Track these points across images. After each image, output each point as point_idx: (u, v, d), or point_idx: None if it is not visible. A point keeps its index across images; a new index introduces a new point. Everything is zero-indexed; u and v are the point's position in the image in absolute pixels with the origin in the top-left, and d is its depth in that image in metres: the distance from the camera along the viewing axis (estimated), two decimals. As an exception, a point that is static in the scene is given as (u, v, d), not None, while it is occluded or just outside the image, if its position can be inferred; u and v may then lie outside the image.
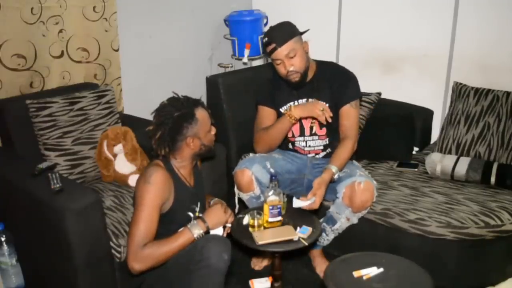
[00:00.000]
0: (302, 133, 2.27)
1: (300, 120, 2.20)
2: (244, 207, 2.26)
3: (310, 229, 1.87)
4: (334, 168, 2.02)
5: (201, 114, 1.74)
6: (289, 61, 2.08)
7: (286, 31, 2.08)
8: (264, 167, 2.16)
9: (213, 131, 1.81)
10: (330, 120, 2.04)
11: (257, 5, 3.34)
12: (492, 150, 2.33)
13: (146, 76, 2.92)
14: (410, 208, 2.09)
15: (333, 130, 2.24)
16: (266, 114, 2.27)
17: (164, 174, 1.69)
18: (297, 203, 1.98)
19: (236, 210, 2.30)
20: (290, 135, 2.28)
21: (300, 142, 2.29)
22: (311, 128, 2.25)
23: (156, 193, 1.64)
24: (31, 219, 1.92)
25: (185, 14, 3.05)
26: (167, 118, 1.70)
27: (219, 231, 1.78)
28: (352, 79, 2.21)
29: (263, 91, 2.29)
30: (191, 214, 1.81)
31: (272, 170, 2.16)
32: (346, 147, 2.11)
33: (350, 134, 2.15)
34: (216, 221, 1.74)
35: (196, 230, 1.67)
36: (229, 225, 1.84)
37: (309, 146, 2.28)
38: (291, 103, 2.21)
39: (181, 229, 1.70)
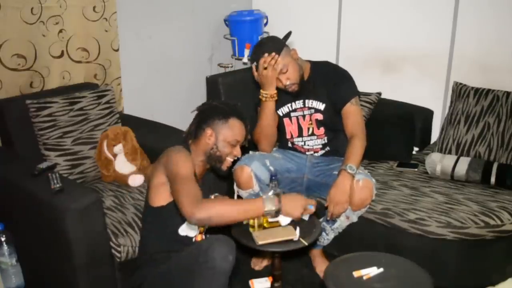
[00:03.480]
0: (300, 134, 2.28)
1: (298, 121, 2.25)
2: None
3: (314, 205, 1.81)
4: (347, 166, 2.00)
5: (235, 123, 1.78)
6: (283, 76, 2.10)
7: (272, 50, 2.07)
8: (263, 164, 2.16)
9: (235, 151, 1.81)
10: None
11: (257, 5, 3.34)
12: (492, 150, 2.33)
13: (146, 76, 2.92)
14: (410, 208, 2.09)
15: (331, 129, 2.25)
16: None
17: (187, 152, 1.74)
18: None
19: None
20: (289, 136, 2.30)
21: (299, 142, 2.30)
22: (309, 129, 2.27)
23: (188, 159, 1.67)
24: (31, 219, 1.92)
25: (185, 14, 3.05)
26: (207, 104, 1.86)
27: (285, 221, 1.79)
28: (347, 77, 2.22)
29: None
30: None
31: (271, 168, 2.17)
32: (355, 144, 2.08)
33: (357, 131, 2.13)
34: (290, 210, 1.70)
35: (269, 205, 1.63)
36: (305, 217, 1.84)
37: (308, 145, 2.29)
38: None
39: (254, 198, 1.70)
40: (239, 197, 2.27)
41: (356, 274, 1.61)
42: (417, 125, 2.72)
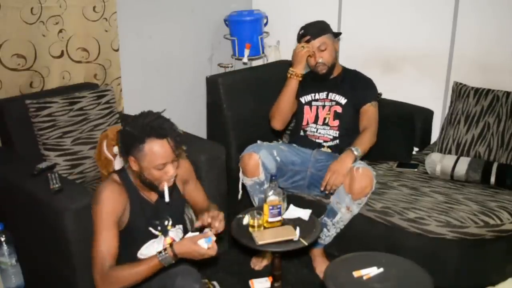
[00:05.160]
0: (315, 121, 2.40)
1: (317, 110, 2.39)
2: (247, 195, 2.30)
3: (213, 239, 1.58)
4: (353, 148, 2.14)
5: (152, 147, 1.54)
6: (319, 53, 2.30)
7: (321, 27, 2.34)
8: (271, 154, 2.22)
9: (167, 172, 1.58)
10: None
11: (257, 5, 3.34)
12: (492, 150, 2.33)
13: (146, 76, 2.91)
14: (410, 207, 2.09)
15: (345, 126, 2.35)
16: None
17: (113, 189, 1.61)
18: (294, 212, 1.99)
19: (239, 196, 2.32)
20: (305, 122, 2.41)
21: (311, 129, 2.39)
22: (325, 119, 2.38)
23: (107, 210, 1.57)
24: (30, 219, 1.92)
25: (185, 14, 3.05)
26: (122, 130, 1.62)
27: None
28: (372, 85, 2.41)
29: None
30: (153, 231, 1.70)
31: (278, 159, 2.24)
32: (365, 135, 2.24)
33: (369, 126, 2.28)
34: (189, 257, 1.58)
35: (166, 261, 1.54)
36: (213, 238, 1.59)
37: (319, 133, 2.39)
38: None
39: (151, 256, 1.57)
40: (243, 185, 2.28)
41: (356, 274, 1.61)
42: (417, 125, 2.72)
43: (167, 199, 1.61)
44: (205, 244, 1.53)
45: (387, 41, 2.91)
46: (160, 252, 1.54)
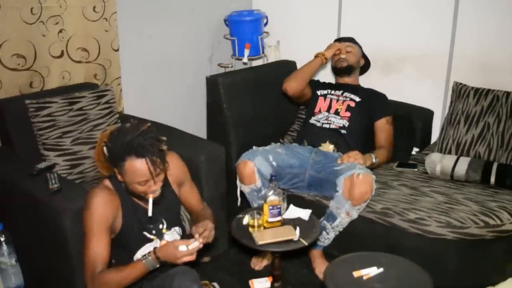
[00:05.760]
0: (328, 110, 2.55)
1: (331, 101, 2.57)
2: (246, 201, 2.29)
3: (196, 242, 1.58)
4: (372, 154, 2.31)
5: (132, 165, 1.53)
6: (344, 53, 2.60)
7: (353, 39, 2.68)
8: (266, 160, 2.21)
9: (149, 187, 1.58)
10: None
11: (257, 5, 3.34)
12: (492, 150, 2.33)
13: (146, 76, 2.91)
14: (410, 207, 2.09)
15: (355, 120, 2.47)
16: None
17: (104, 195, 1.62)
18: (294, 212, 1.99)
19: (239, 203, 2.31)
20: (317, 110, 2.57)
21: (322, 117, 2.53)
22: (337, 109, 2.53)
23: (98, 216, 1.58)
24: (29, 219, 1.92)
25: (185, 14, 3.05)
26: (108, 141, 1.60)
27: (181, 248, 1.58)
28: (387, 100, 2.60)
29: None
30: (148, 235, 1.71)
31: (274, 164, 2.22)
32: (384, 150, 2.42)
33: (386, 145, 2.45)
34: (171, 261, 1.58)
35: (151, 265, 1.56)
36: (196, 243, 1.58)
37: (330, 120, 2.51)
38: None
39: (136, 260, 1.59)
40: (241, 192, 2.28)
41: (356, 274, 1.61)
42: (417, 125, 2.72)
43: (150, 213, 1.62)
44: (185, 247, 1.54)
45: (387, 41, 2.91)
46: (144, 256, 1.56)
